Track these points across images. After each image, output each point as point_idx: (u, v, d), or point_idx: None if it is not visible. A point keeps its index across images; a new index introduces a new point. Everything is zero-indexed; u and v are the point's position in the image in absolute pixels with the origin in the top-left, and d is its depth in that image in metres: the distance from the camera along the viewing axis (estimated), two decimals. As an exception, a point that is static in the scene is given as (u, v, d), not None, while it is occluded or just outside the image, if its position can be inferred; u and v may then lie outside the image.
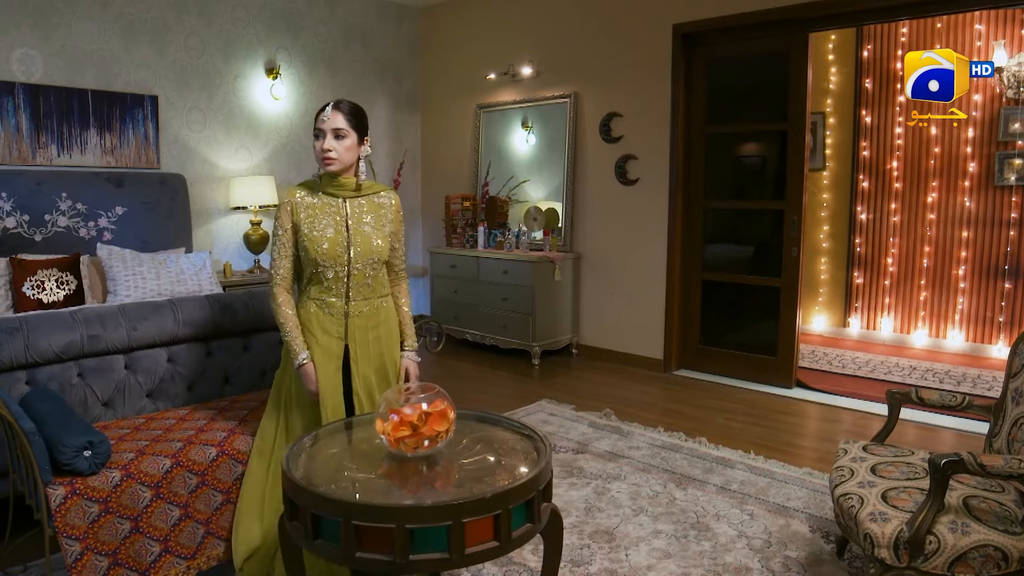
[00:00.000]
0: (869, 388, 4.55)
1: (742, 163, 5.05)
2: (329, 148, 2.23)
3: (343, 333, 2.31)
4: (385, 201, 2.41)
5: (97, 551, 2.13)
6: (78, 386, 2.58)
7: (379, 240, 2.33)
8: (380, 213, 2.38)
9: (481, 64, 5.99)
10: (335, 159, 2.24)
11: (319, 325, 2.31)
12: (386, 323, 2.41)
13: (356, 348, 2.34)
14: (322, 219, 2.28)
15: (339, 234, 2.27)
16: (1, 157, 4.25)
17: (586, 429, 3.94)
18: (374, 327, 2.37)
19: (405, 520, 1.51)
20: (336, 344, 2.31)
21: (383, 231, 2.36)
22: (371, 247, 2.31)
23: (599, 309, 5.46)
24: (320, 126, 2.24)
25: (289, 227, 2.29)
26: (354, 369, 2.35)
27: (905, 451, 2.40)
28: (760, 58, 4.65)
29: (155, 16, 4.82)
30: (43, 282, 3.86)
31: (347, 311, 2.31)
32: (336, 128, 2.23)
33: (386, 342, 2.40)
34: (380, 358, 2.39)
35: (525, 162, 5.90)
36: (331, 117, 2.23)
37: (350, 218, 2.31)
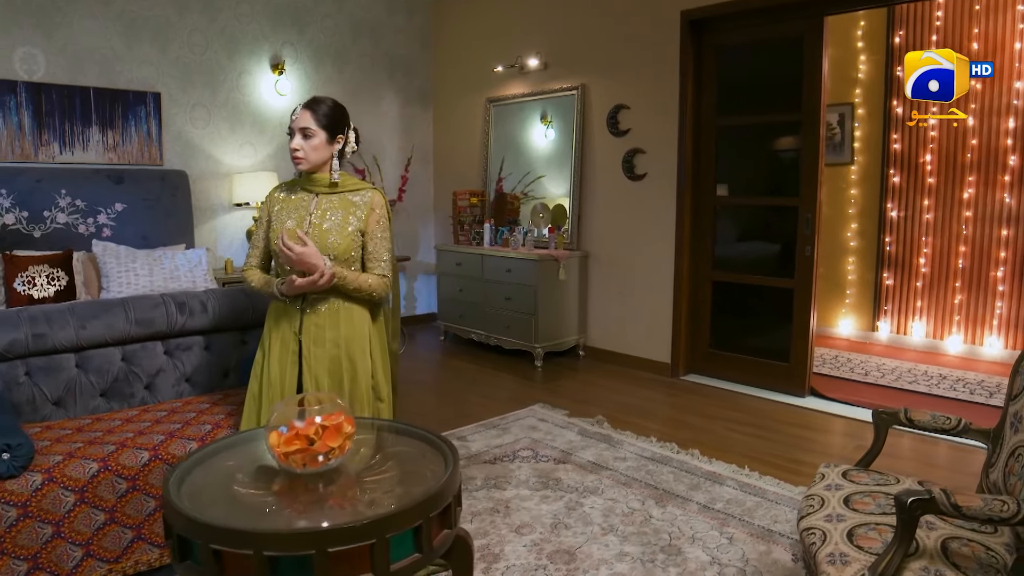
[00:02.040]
0: (890, 399, 4.23)
1: (754, 157, 4.77)
2: (296, 147, 2.27)
3: (297, 328, 2.28)
4: (359, 200, 2.34)
5: (15, 556, 2.08)
6: (25, 385, 2.55)
7: (337, 238, 2.27)
8: (350, 211, 2.31)
9: (490, 57, 5.84)
10: (302, 158, 2.28)
11: (277, 317, 2.33)
12: (348, 328, 2.29)
13: (309, 346, 2.27)
14: (289, 214, 2.32)
15: (298, 227, 2.28)
16: (3, 155, 4.32)
17: (574, 437, 3.76)
18: (332, 327, 2.28)
19: (264, 547, 1.37)
20: (291, 339, 2.28)
21: (345, 230, 2.28)
22: (326, 243, 2.26)
23: (607, 310, 5.26)
24: (291, 125, 2.29)
25: (264, 219, 2.38)
26: (305, 368, 2.28)
27: (890, 479, 2.15)
28: (773, 45, 4.36)
29: (157, 13, 4.83)
30: (34, 278, 3.89)
31: (302, 307, 2.28)
32: (303, 127, 2.25)
33: (346, 348, 2.28)
34: (336, 363, 2.28)
35: (543, 157, 5.70)
36: (300, 116, 2.27)
37: (314, 214, 2.29)
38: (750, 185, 4.85)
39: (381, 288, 2.34)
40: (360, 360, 2.32)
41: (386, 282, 2.36)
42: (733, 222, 4.93)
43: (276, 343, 2.29)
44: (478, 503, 2.96)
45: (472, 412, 4.18)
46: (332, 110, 2.29)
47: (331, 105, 2.30)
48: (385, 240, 2.37)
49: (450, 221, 6.11)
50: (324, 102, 2.29)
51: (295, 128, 2.26)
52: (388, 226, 2.39)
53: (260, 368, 2.31)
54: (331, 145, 2.30)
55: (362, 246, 2.34)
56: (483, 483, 3.17)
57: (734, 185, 4.75)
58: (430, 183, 6.66)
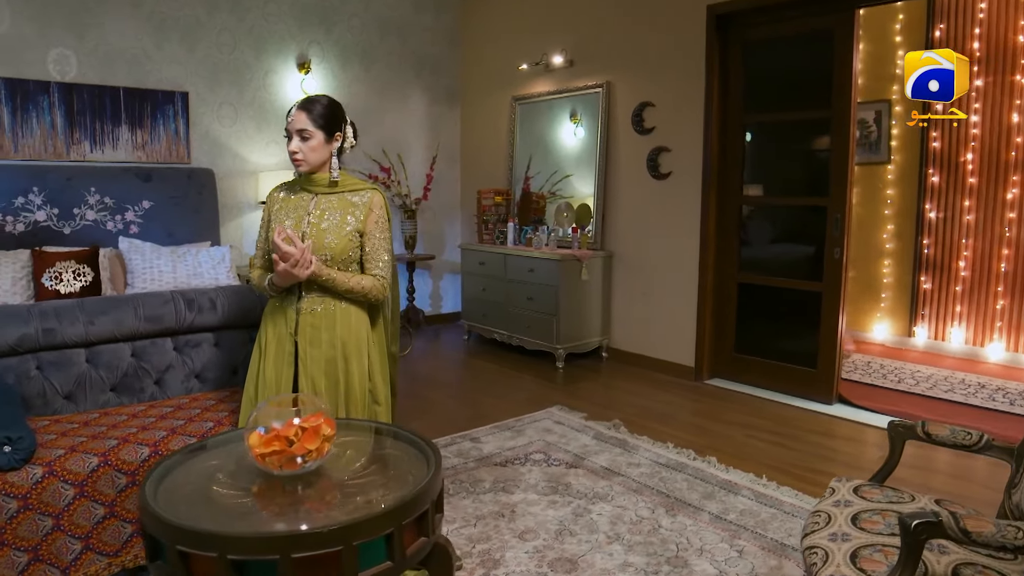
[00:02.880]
0: (923, 408, 4.05)
1: (783, 156, 4.62)
2: (295, 150, 2.24)
3: (293, 329, 2.26)
4: (358, 200, 2.30)
5: (15, 547, 2.11)
6: (36, 379, 2.59)
7: (334, 238, 2.24)
8: (348, 211, 2.28)
9: (515, 55, 5.80)
10: (302, 160, 2.25)
11: (274, 318, 2.31)
12: (345, 329, 2.26)
13: (305, 347, 2.25)
14: (288, 213, 2.30)
15: (296, 227, 2.26)
16: (37, 153, 4.44)
17: (589, 441, 3.69)
18: (328, 328, 2.26)
19: (229, 550, 1.35)
20: (287, 339, 2.26)
21: (343, 230, 2.26)
22: (323, 243, 2.24)
23: (630, 311, 5.16)
24: (287, 127, 2.24)
25: (265, 219, 2.38)
26: (301, 369, 2.26)
27: (904, 496, 2.03)
28: (802, 39, 4.21)
29: (187, 14, 4.91)
30: (60, 273, 3.98)
31: (298, 307, 2.26)
32: (300, 129, 2.22)
33: (342, 349, 2.26)
34: (332, 364, 2.26)
35: (572, 156, 5.61)
36: (295, 118, 2.22)
37: (312, 214, 2.27)
38: (778, 184, 4.70)
39: (377, 290, 2.30)
40: (356, 362, 2.29)
41: (383, 284, 2.32)
42: (760, 222, 4.79)
43: (272, 344, 2.28)
44: (484, 506, 2.92)
45: (488, 413, 4.14)
46: (327, 109, 2.26)
47: (326, 104, 2.26)
48: (384, 241, 2.33)
49: (475, 220, 6.09)
50: (318, 101, 2.26)
51: (292, 130, 2.22)
52: (387, 227, 2.35)
53: (256, 369, 2.30)
54: (329, 144, 2.27)
55: (361, 246, 2.31)
56: (491, 486, 3.12)
57: (761, 184, 4.61)
58: (457, 182, 6.64)
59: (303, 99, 2.27)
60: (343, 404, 2.29)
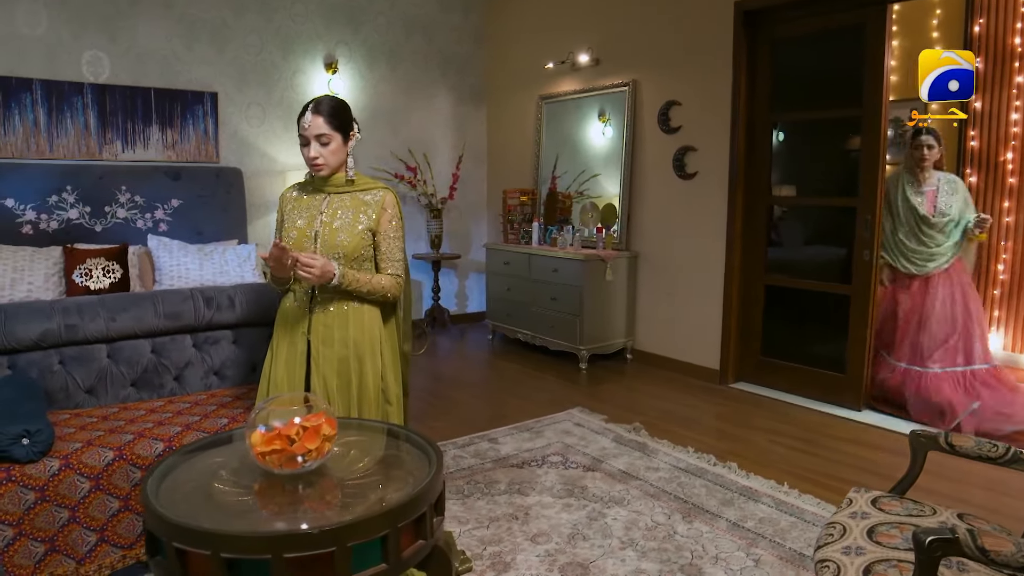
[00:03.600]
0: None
1: (812, 156, 4.51)
2: (316, 155, 2.22)
3: (307, 328, 2.27)
4: (371, 199, 2.31)
5: (33, 537, 2.16)
6: (59, 373, 2.65)
7: (345, 236, 2.25)
8: (360, 210, 2.29)
9: (541, 54, 5.77)
10: (323, 164, 2.24)
11: (285, 318, 2.32)
12: (358, 328, 2.26)
13: (318, 346, 2.26)
14: (301, 212, 2.31)
15: (309, 226, 2.27)
16: (71, 153, 4.55)
17: (608, 443, 3.64)
18: (341, 328, 2.26)
19: (221, 548, 1.35)
20: (300, 339, 2.27)
21: (354, 228, 2.26)
22: (335, 242, 2.24)
23: (656, 312, 5.09)
24: (303, 133, 2.21)
25: (279, 219, 2.38)
26: (314, 368, 2.27)
27: (926, 509, 1.95)
28: (832, 35, 4.10)
29: (215, 16, 4.99)
30: (91, 270, 4.07)
31: (311, 307, 2.27)
32: (319, 134, 2.20)
33: (355, 349, 2.25)
34: (345, 364, 2.26)
35: (601, 156, 5.55)
36: (312, 123, 2.19)
37: (325, 212, 2.28)
38: (807, 185, 4.59)
39: (395, 289, 2.32)
40: (370, 361, 2.28)
41: (400, 282, 2.34)
42: (789, 223, 4.69)
43: (284, 344, 2.29)
44: (498, 508, 2.90)
45: (509, 413, 4.12)
46: (340, 110, 2.25)
47: (337, 104, 2.25)
48: (398, 240, 2.34)
49: (500, 220, 6.07)
50: (331, 103, 2.24)
51: (310, 136, 2.20)
52: (401, 225, 2.35)
53: (268, 369, 2.31)
54: (345, 144, 2.27)
55: (374, 246, 2.31)
56: (507, 487, 3.10)
57: (790, 185, 4.51)
58: (483, 181, 6.64)
59: (313, 103, 2.22)
60: (355, 404, 2.28)
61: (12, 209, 4.23)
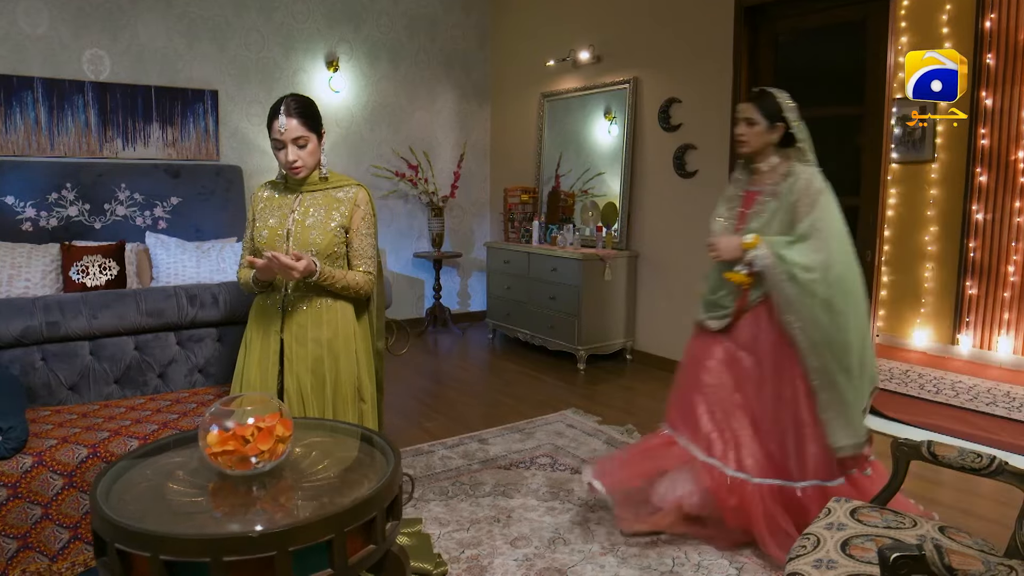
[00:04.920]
0: (961, 422, 3.81)
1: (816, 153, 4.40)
2: (295, 159, 2.19)
3: (279, 327, 2.25)
4: (343, 196, 2.30)
5: (5, 534, 2.16)
6: (41, 370, 2.66)
7: (317, 234, 2.23)
8: (332, 207, 2.27)
9: (543, 51, 5.72)
10: (302, 167, 2.22)
11: (258, 318, 2.30)
12: (332, 327, 2.26)
13: (292, 345, 2.24)
14: (272, 211, 2.28)
15: (280, 225, 2.25)
16: (71, 150, 4.58)
17: (599, 445, 3.59)
18: (315, 326, 2.25)
19: (161, 550, 1.33)
20: (273, 338, 2.25)
21: (327, 226, 2.25)
22: (308, 240, 2.23)
23: (655, 313, 5.03)
24: (278, 137, 2.16)
25: (251, 218, 2.34)
26: (287, 368, 2.25)
27: (905, 521, 1.88)
28: (834, 31, 4.01)
29: (216, 14, 5.00)
30: (88, 267, 4.09)
31: (284, 306, 2.26)
32: (296, 137, 2.17)
33: (329, 347, 2.25)
34: (319, 363, 2.25)
35: (607, 154, 5.48)
36: (288, 127, 2.15)
37: (296, 211, 2.26)
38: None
39: (368, 286, 2.31)
40: (344, 359, 2.27)
41: (372, 279, 2.33)
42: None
43: (257, 342, 2.27)
44: (481, 510, 2.87)
45: (501, 414, 4.08)
46: (312, 108, 2.23)
47: (308, 103, 2.23)
48: (370, 236, 2.33)
49: (502, 218, 6.04)
50: (301, 103, 2.20)
51: (286, 140, 2.15)
52: (373, 223, 2.34)
53: (241, 370, 2.29)
54: (320, 144, 2.26)
55: (347, 243, 2.29)
56: (491, 489, 3.06)
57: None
58: (487, 180, 6.60)
59: (283, 105, 2.16)
60: (330, 403, 2.27)
61: (12, 206, 4.27)
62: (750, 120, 2.53)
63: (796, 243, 2.43)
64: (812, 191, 2.45)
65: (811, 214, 2.43)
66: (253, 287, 2.28)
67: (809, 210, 2.43)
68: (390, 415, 3.75)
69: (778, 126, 2.52)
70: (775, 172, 2.55)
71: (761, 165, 2.58)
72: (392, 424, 3.67)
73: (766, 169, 2.57)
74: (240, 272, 2.36)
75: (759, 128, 2.52)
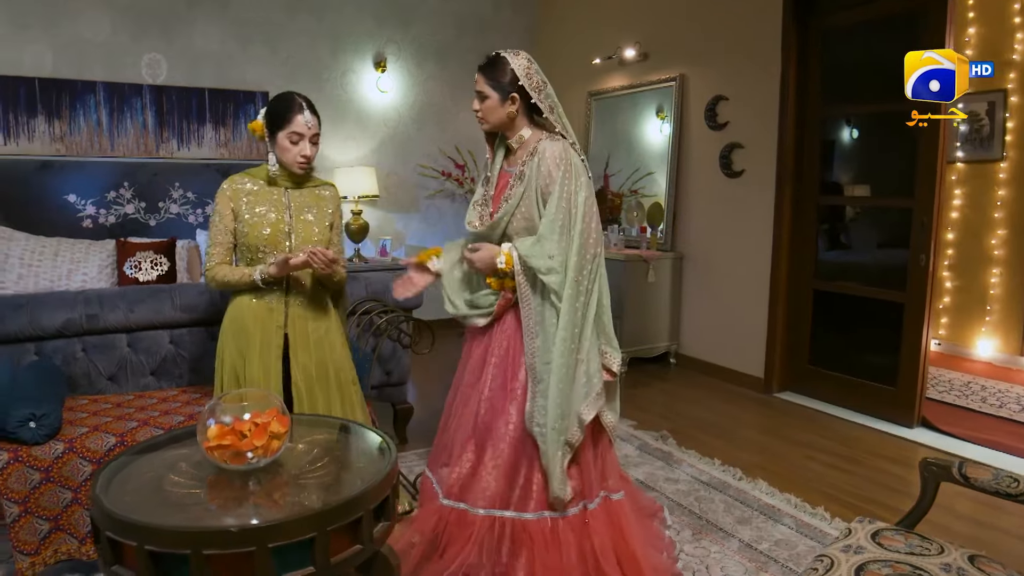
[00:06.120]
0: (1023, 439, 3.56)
1: (867, 152, 4.21)
2: (310, 155, 2.26)
3: (283, 322, 2.30)
4: (325, 193, 2.41)
5: (37, 515, 2.26)
6: (82, 360, 2.78)
7: (320, 230, 2.33)
8: (320, 205, 2.37)
9: (589, 49, 5.65)
10: (310, 161, 2.28)
11: (254, 317, 2.30)
12: (327, 317, 2.37)
13: (295, 337, 2.31)
14: (263, 205, 2.29)
15: (280, 220, 2.28)
16: (130, 151, 4.79)
17: (631, 451, 3.52)
18: (315, 319, 2.33)
19: (146, 540, 1.36)
20: (275, 334, 2.30)
21: (324, 223, 2.36)
22: (312, 235, 2.30)
23: (700, 317, 4.90)
24: (301, 131, 2.21)
25: (227, 213, 2.30)
26: (293, 359, 2.31)
27: (931, 547, 1.75)
28: (889, 23, 3.81)
29: (268, 16, 5.14)
30: (140, 263, 4.27)
31: (287, 300, 2.31)
32: (316, 134, 2.25)
33: (328, 341, 2.35)
34: (322, 352, 2.32)
35: (659, 153, 5.37)
36: (313, 123, 2.23)
37: (292, 207, 2.31)
38: (861, 184, 4.30)
39: (345, 277, 2.44)
40: (339, 346, 2.39)
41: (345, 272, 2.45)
42: (842, 225, 4.41)
43: (256, 340, 2.26)
44: (501, 512, 2.84)
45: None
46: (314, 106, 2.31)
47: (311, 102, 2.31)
48: (342, 232, 2.49)
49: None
50: (311, 102, 2.28)
51: (306, 135, 2.21)
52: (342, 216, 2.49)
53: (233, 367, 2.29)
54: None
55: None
56: (515, 491, 3.03)
57: (843, 184, 4.23)
58: (533, 179, 6.56)
59: (305, 101, 2.24)
60: (335, 391, 2.35)
61: (74, 204, 4.50)
62: (481, 93, 2.18)
63: (538, 243, 2.10)
64: (555, 175, 2.09)
65: (553, 202, 2.09)
66: (259, 283, 2.23)
67: (553, 196, 2.09)
68: (419, 413, 3.77)
69: (514, 97, 2.17)
70: (524, 149, 2.21)
71: (511, 142, 2.24)
72: (420, 424, 3.68)
73: (516, 146, 2.23)
74: (221, 269, 2.28)
75: (491, 102, 2.17)
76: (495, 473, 2.16)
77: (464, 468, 2.21)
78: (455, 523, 2.17)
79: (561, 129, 2.23)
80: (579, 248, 2.10)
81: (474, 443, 2.22)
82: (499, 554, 2.12)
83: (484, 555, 2.11)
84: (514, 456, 2.16)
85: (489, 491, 2.14)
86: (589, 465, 2.24)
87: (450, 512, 2.19)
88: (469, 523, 2.15)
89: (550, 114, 2.21)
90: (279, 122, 2.23)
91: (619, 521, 2.25)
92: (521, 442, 2.16)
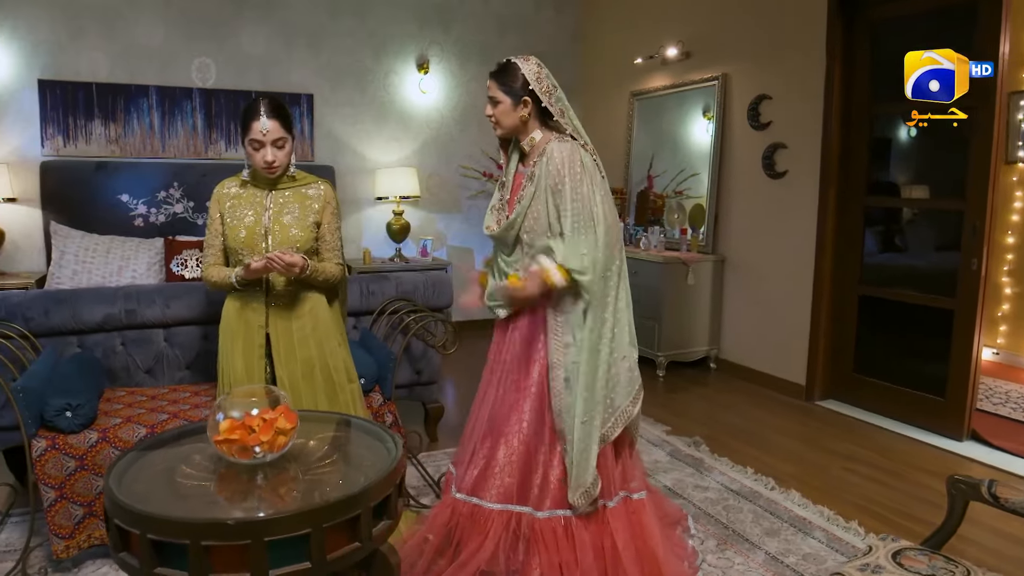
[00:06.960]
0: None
1: (916, 152, 4.03)
2: (273, 159, 2.25)
3: (264, 321, 2.35)
4: (313, 192, 2.40)
5: (72, 500, 2.36)
6: (121, 354, 2.89)
7: (298, 231, 2.33)
8: (306, 204, 2.37)
9: (631, 49, 5.58)
10: (278, 167, 2.29)
11: (238, 316, 2.36)
12: (313, 317, 2.37)
13: (277, 336, 2.35)
14: (244, 208, 2.34)
15: (257, 223, 2.31)
16: (180, 152, 4.97)
17: (662, 456, 3.46)
18: (298, 318, 2.35)
19: (148, 529, 1.41)
20: (257, 333, 2.34)
21: (305, 222, 2.35)
22: (288, 236, 2.31)
23: (742, 321, 4.78)
24: (258, 138, 2.22)
25: (216, 216, 2.39)
26: (276, 361, 2.35)
27: (955, 570, 1.65)
28: (939, 16, 3.64)
29: (312, 20, 5.25)
30: (186, 260, 4.42)
31: (267, 301, 2.34)
32: (276, 139, 2.24)
33: (314, 338, 2.36)
34: (307, 352, 2.35)
35: (704, 154, 5.27)
36: (269, 128, 2.21)
37: (271, 208, 2.34)
38: (911, 185, 4.12)
39: (341, 275, 2.44)
40: (327, 346, 2.38)
41: (343, 269, 2.46)
42: (895, 227, 4.23)
43: (240, 340, 2.33)
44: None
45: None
46: (287, 110, 2.31)
47: (283, 105, 2.30)
48: (339, 230, 2.45)
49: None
50: (278, 104, 2.26)
51: (265, 141, 2.20)
52: (339, 215, 2.46)
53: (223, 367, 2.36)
54: (292, 142, 2.33)
55: (318, 237, 2.38)
56: (539, 494, 3.01)
57: (900, 184, 4.06)
58: (575, 180, 6.52)
59: (264, 107, 2.20)
60: (321, 388, 2.37)
61: (127, 203, 4.69)
62: (494, 99, 2.22)
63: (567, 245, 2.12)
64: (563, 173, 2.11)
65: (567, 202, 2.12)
66: (235, 286, 2.28)
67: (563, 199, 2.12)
68: (453, 413, 3.79)
69: (526, 101, 2.19)
70: (536, 151, 2.22)
71: (524, 144, 2.27)
72: (453, 423, 3.70)
73: (528, 149, 2.25)
74: (210, 271, 2.36)
75: (504, 107, 2.21)
76: (508, 469, 2.17)
77: (479, 464, 2.23)
78: (468, 518, 2.19)
79: (572, 131, 2.24)
80: (605, 246, 2.13)
81: (489, 440, 2.25)
82: (515, 552, 2.12)
83: (500, 553, 2.11)
84: (527, 453, 2.18)
85: (503, 487, 2.16)
86: (610, 465, 2.22)
87: (463, 506, 2.21)
88: (483, 519, 2.16)
89: (561, 117, 2.24)
90: (242, 130, 2.26)
91: (640, 519, 2.24)
92: (535, 439, 2.18)
